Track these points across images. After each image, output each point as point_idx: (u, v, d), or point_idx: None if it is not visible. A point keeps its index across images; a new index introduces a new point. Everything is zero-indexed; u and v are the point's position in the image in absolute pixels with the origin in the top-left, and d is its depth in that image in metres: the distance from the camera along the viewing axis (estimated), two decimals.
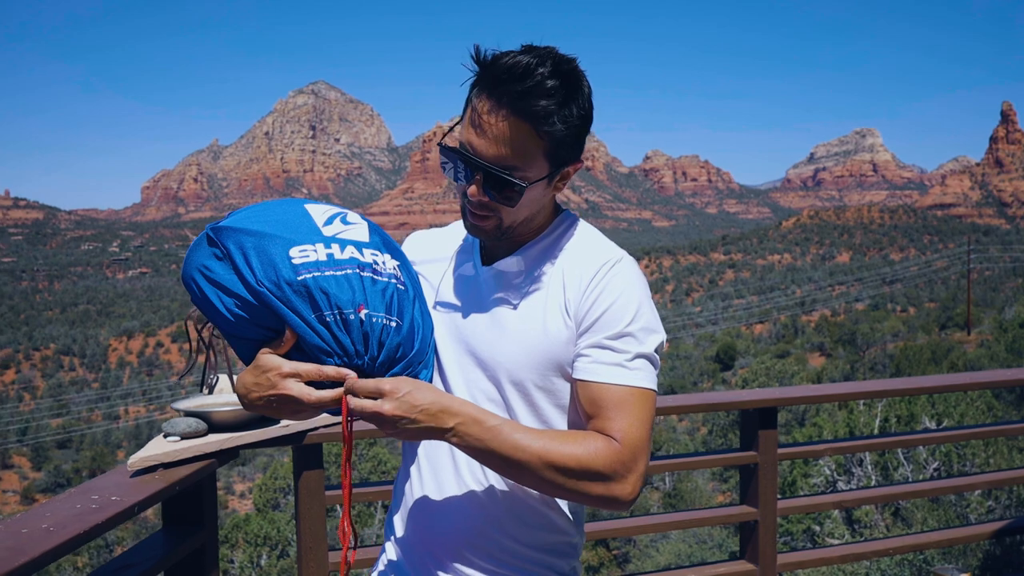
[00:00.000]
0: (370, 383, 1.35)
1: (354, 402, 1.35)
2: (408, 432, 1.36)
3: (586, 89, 1.46)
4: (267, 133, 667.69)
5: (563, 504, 1.57)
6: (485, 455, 1.39)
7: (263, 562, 15.71)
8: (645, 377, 1.46)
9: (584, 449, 1.39)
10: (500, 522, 1.53)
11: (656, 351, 1.49)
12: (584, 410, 1.47)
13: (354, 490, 3.02)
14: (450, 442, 1.38)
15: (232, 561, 16.10)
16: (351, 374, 1.36)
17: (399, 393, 1.34)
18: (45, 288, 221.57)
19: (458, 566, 1.54)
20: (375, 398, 1.34)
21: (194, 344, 2.18)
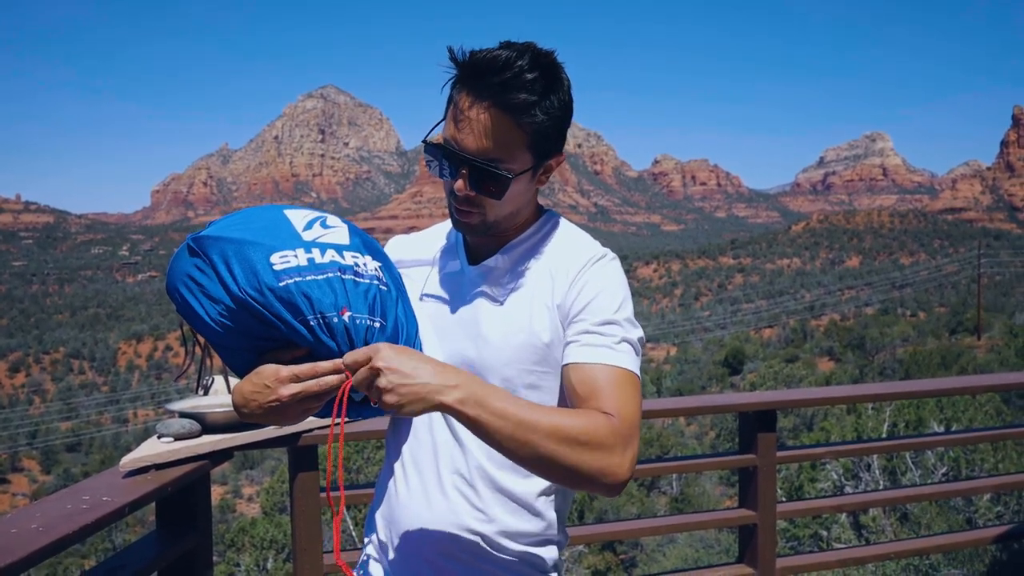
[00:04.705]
0: (363, 350, 1.31)
1: (349, 356, 1.32)
2: (410, 394, 1.28)
3: (565, 81, 1.48)
4: (276, 137, 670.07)
5: (546, 502, 1.57)
6: (484, 420, 1.31)
7: (269, 565, 15.73)
8: (631, 361, 1.46)
9: (583, 419, 1.36)
10: (482, 519, 1.53)
11: (638, 343, 1.50)
12: (575, 393, 1.44)
13: (357, 491, 3.02)
14: (454, 403, 1.30)
15: (238, 564, 16.12)
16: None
17: (391, 368, 1.29)
18: (55, 292, 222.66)
19: (440, 561, 1.54)
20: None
21: (189, 345, 2.17)
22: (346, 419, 1.40)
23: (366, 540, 1.70)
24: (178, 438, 2.46)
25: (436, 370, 1.31)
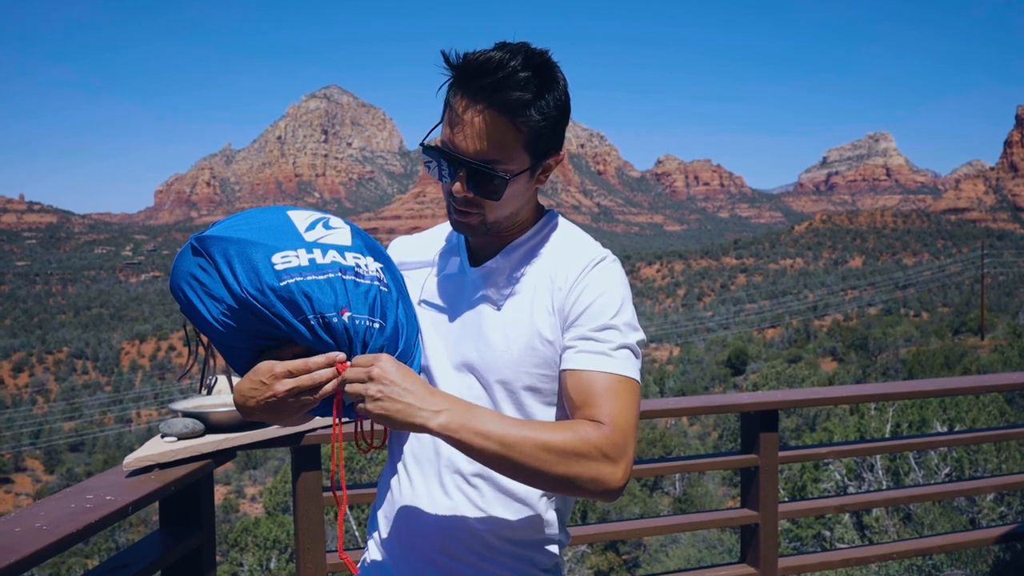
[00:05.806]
0: (367, 356, 1.37)
1: (348, 373, 1.37)
2: (394, 409, 1.33)
3: (561, 80, 1.48)
4: (279, 137, 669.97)
5: (548, 502, 1.57)
6: (474, 443, 1.35)
7: (272, 565, 15.73)
8: (629, 367, 1.47)
9: (575, 434, 1.38)
10: (484, 518, 1.54)
11: (638, 345, 1.51)
12: (571, 400, 1.47)
13: (359, 490, 3.03)
14: (438, 428, 1.34)
15: (242, 564, 16.13)
16: (339, 355, 1.37)
17: (386, 379, 1.34)
18: (58, 292, 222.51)
19: (441, 560, 1.55)
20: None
21: (192, 345, 2.18)
22: (346, 419, 1.42)
23: (368, 539, 1.70)
24: (181, 437, 2.47)
25: (426, 393, 1.36)
